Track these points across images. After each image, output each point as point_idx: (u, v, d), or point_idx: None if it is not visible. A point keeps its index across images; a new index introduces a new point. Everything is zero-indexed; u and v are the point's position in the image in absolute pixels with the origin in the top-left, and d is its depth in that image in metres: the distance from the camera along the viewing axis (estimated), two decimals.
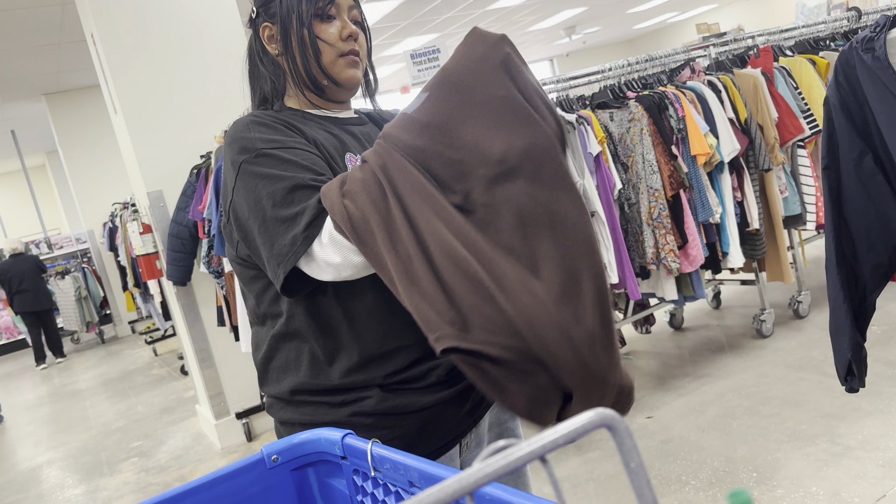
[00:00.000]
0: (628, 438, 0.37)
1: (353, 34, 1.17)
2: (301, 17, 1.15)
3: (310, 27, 1.15)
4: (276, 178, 1.02)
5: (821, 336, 3.45)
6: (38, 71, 7.05)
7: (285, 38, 1.17)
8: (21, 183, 13.16)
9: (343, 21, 1.17)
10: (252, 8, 1.23)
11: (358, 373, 1.09)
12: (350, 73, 1.19)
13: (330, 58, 1.17)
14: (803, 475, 2.35)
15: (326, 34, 1.16)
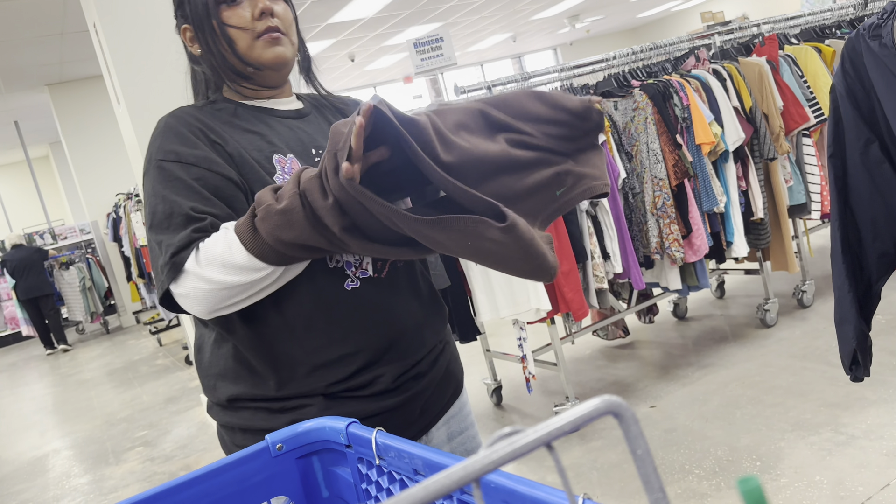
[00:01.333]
0: (634, 425, 0.36)
1: (266, 10, 1.09)
2: (207, 8, 1.09)
3: (217, 17, 1.09)
4: (162, 197, 1.00)
5: (825, 326, 3.44)
6: (40, 61, 7.04)
7: (201, 36, 1.11)
8: (25, 174, 13.18)
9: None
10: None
11: (298, 383, 1.05)
12: (272, 53, 1.10)
13: (246, 42, 1.09)
14: (807, 464, 2.35)
15: (236, 19, 1.09)
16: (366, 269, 1.08)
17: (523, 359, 3.12)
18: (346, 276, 1.06)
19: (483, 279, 3.00)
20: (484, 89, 3.25)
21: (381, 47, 10.91)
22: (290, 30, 1.13)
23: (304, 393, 1.06)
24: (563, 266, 2.88)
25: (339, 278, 1.06)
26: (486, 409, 3.56)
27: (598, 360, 3.86)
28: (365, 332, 1.07)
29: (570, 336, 3.38)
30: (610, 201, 3.01)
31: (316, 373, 1.05)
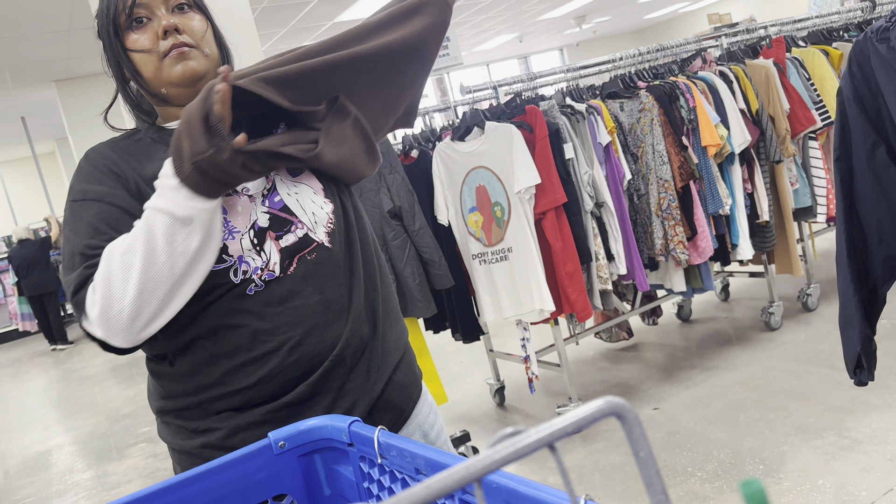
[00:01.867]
0: (637, 427, 0.36)
1: (168, 27, 1.04)
2: (110, 37, 1.05)
3: (121, 44, 1.06)
4: (66, 238, 1.02)
5: (829, 329, 3.43)
6: (48, 58, 7.06)
7: (114, 64, 1.09)
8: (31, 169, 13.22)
9: (157, 17, 1.05)
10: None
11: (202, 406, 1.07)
12: (181, 69, 1.05)
13: (153, 65, 1.05)
14: (810, 468, 2.34)
15: (141, 43, 1.05)
16: (273, 269, 1.03)
17: (526, 359, 3.11)
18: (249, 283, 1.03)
19: (487, 279, 3.00)
20: (490, 89, 3.25)
21: None
22: (204, 41, 1.08)
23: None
24: (568, 267, 2.88)
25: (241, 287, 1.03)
26: (489, 409, 3.56)
27: (601, 361, 3.85)
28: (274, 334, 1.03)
29: (574, 337, 3.38)
30: (615, 202, 3.01)
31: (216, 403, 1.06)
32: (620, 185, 3.04)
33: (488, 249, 2.97)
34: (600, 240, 3.01)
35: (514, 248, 2.89)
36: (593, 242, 2.99)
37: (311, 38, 9.00)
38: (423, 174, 3.07)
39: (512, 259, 2.90)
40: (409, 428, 1.17)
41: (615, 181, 3.02)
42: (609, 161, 3.02)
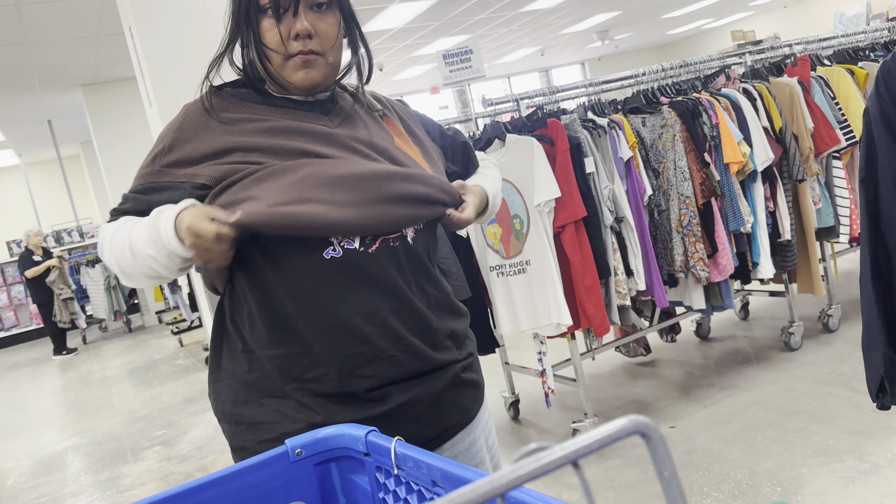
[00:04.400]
0: (662, 447, 0.36)
1: (301, 32, 1.05)
2: (248, 15, 1.06)
3: (255, 28, 1.07)
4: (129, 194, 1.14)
5: (851, 351, 3.39)
6: (75, 62, 7.17)
7: (238, 37, 1.11)
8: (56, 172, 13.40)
9: (295, 16, 1.06)
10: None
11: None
12: (301, 76, 1.08)
13: (277, 62, 1.08)
14: (829, 492, 2.31)
15: (270, 36, 1.07)
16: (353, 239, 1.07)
17: (542, 373, 3.10)
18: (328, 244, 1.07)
19: (504, 292, 2.99)
20: (511, 102, 3.25)
21: (409, 57, 10.97)
22: (332, 48, 1.10)
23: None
24: (586, 281, 2.87)
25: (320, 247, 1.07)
26: (503, 422, 3.54)
27: (618, 377, 3.82)
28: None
29: (591, 352, 3.35)
30: (635, 217, 3.00)
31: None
32: (641, 201, 3.02)
33: (506, 262, 2.97)
34: (619, 255, 3.00)
35: (533, 261, 2.88)
36: (612, 257, 2.98)
37: None
38: None
39: (530, 272, 2.90)
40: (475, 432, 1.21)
41: (636, 196, 3.01)
42: (630, 176, 3.01)
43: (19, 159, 12.33)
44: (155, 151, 1.12)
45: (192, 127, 1.11)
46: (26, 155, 12.78)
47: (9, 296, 10.72)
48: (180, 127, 1.12)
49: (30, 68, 7.05)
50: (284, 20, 1.05)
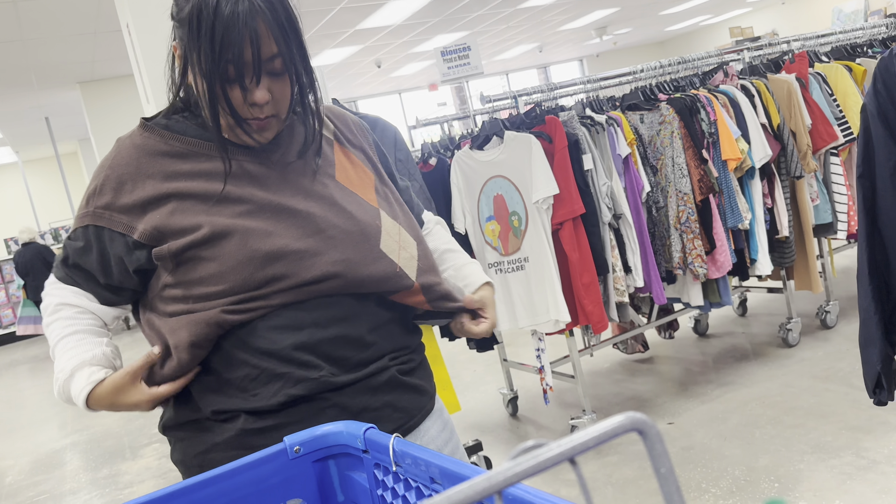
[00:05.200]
0: (659, 443, 0.36)
1: (261, 101, 1.02)
2: (202, 67, 1.00)
3: (210, 85, 1.01)
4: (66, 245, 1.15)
5: (848, 347, 3.39)
6: (73, 59, 7.16)
7: (197, 78, 1.03)
8: (53, 169, 13.39)
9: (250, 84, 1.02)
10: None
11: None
12: (254, 139, 1.07)
13: (228, 122, 1.06)
14: (826, 488, 2.31)
15: (234, 94, 1.02)
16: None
17: (541, 370, 3.10)
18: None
19: (502, 289, 2.99)
20: (509, 99, 3.25)
21: (407, 54, 10.96)
22: (285, 108, 1.07)
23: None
24: (584, 278, 2.87)
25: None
26: (502, 419, 3.55)
27: (616, 373, 3.83)
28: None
29: (589, 349, 3.36)
30: (633, 214, 3.00)
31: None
32: (639, 197, 3.03)
33: (504, 259, 2.97)
34: (618, 251, 3.00)
35: (531, 258, 2.88)
36: (610, 254, 2.98)
37: (333, 45, 9.06)
38: (441, 182, 3.08)
39: (528, 269, 2.90)
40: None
41: (634, 193, 3.01)
42: (628, 173, 3.01)
43: (17, 156, 12.31)
44: (89, 191, 1.10)
45: (124, 166, 1.08)
46: (24, 152, 12.76)
47: (7, 293, 10.71)
48: (112, 165, 1.09)
49: (27, 65, 7.04)
50: (237, 87, 1.03)
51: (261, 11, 0.99)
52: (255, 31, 0.99)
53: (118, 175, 1.08)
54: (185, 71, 1.05)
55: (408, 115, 14.73)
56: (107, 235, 1.08)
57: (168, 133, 1.10)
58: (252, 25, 0.98)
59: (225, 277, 1.04)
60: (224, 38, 0.98)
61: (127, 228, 1.07)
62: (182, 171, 1.08)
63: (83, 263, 1.12)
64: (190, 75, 1.05)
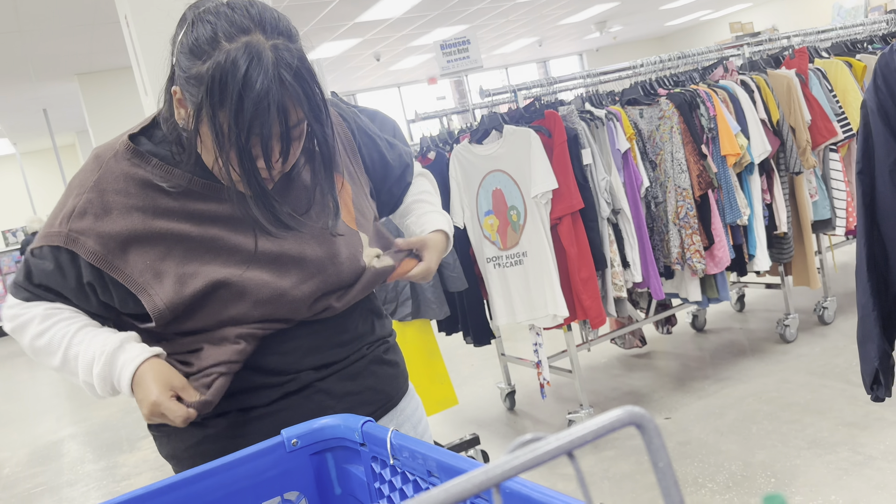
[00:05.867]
0: (657, 438, 0.36)
1: (277, 172, 1.00)
2: (220, 134, 0.94)
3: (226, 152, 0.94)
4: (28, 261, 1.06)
5: (846, 343, 3.40)
6: (71, 51, 7.13)
7: (195, 127, 0.97)
8: (51, 161, 13.35)
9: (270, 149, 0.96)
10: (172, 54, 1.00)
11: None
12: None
13: (236, 181, 0.99)
14: (823, 483, 2.32)
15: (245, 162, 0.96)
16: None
17: (538, 364, 3.11)
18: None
19: (501, 283, 2.99)
20: (509, 93, 3.24)
21: (407, 48, 10.94)
22: (291, 163, 1.03)
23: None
24: (582, 273, 2.87)
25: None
26: (499, 413, 3.55)
27: (613, 368, 3.83)
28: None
29: (587, 343, 3.36)
30: (632, 209, 3.00)
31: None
32: (638, 192, 3.02)
33: (503, 253, 2.97)
34: (616, 247, 3.00)
35: (529, 253, 2.88)
36: (609, 249, 2.98)
37: (331, 38, 9.04)
38: (440, 176, 3.07)
39: (526, 263, 2.90)
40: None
41: (633, 188, 3.01)
42: (627, 168, 3.01)
43: (14, 148, 12.28)
44: (66, 209, 1.02)
45: (111, 193, 1.02)
46: (21, 144, 12.74)
47: (4, 285, 10.70)
48: (96, 188, 1.02)
49: (25, 57, 7.01)
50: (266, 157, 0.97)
51: (291, 87, 0.94)
52: (285, 108, 0.94)
53: (101, 203, 1.01)
54: (197, 126, 0.96)
55: (406, 109, 14.71)
56: (82, 262, 1.01)
57: (159, 163, 1.04)
58: (283, 104, 0.93)
59: (221, 318, 1.05)
60: (253, 115, 0.92)
61: (104, 265, 1.00)
62: (174, 209, 1.03)
63: (54, 286, 1.04)
64: (190, 122, 0.98)
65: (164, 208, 1.02)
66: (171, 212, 1.03)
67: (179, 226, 1.02)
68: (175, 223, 1.02)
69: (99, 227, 1.01)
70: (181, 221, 1.03)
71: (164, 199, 1.03)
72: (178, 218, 1.03)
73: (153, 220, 1.02)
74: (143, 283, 1.01)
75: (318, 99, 0.97)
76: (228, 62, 0.91)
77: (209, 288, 1.02)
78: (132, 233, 1.01)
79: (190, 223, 1.03)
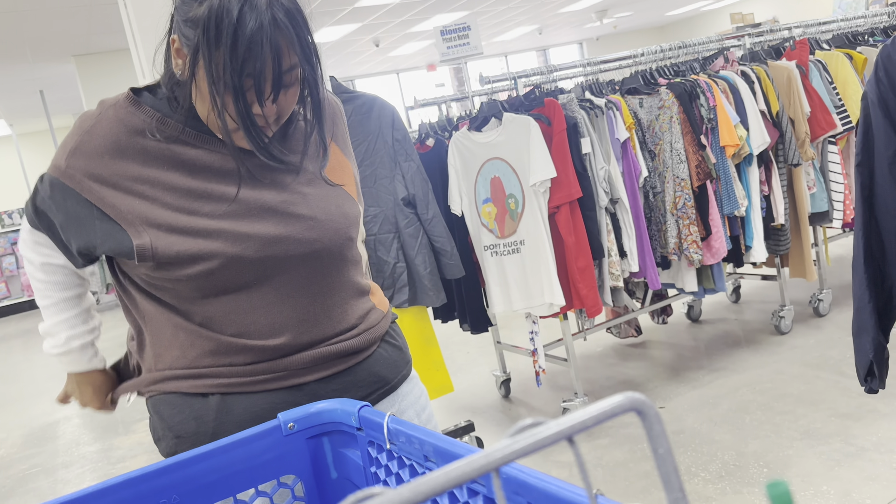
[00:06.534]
0: (658, 424, 0.36)
1: (270, 116, 1.02)
2: (215, 75, 0.96)
3: (221, 94, 0.97)
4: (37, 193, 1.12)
5: (840, 335, 3.41)
6: (68, 32, 7.08)
7: (191, 73, 1.00)
8: (48, 143, 13.29)
9: (264, 98, 0.99)
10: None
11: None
12: (247, 143, 1.04)
13: (230, 125, 1.01)
14: (814, 473, 2.33)
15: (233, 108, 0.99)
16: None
17: (534, 352, 3.11)
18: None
19: (498, 271, 2.99)
20: (509, 80, 3.23)
21: (406, 33, 10.88)
22: (286, 115, 1.06)
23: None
24: (580, 262, 2.87)
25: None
26: (494, 400, 3.56)
27: (608, 357, 3.85)
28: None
29: (582, 332, 3.37)
30: (630, 199, 3.00)
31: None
32: (636, 182, 3.02)
33: (500, 241, 2.97)
34: (613, 236, 3.00)
35: (527, 241, 2.88)
36: (606, 238, 2.98)
37: (331, 23, 8.98)
38: (439, 163, 3.07)
39: (524, 252, 2.90)
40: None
41: (631, 178, 3.01)
42: (626, 157, 3.01)
43: (11, 130, 12.21)
44: (69, 146, 1.07)
45: (101, 136, 1.05)
46: (18, 125, 12.67)
47: (0, 267, 10.68)
48: (91, 131, 1.06)
49: (21, 37, 6.96)
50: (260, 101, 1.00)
51: (284, 28, 0.97)
52: (279, 47, 0.97)
53: (95, 145, 1.05)
54: (193, 71, 0.99)
55: (405, 96, 14.66)
56: (73, 197, 1.05)
57: (153, 112, 1.07)
58: (276, 42, 0.96)
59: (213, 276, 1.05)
60: (247, 52, 0.95)
61: (97, 200, 1.04)
62: (165, 155, 1.06)
63: (48, 212, 1.11)
64: (186, 69, 1.01)
65: (154, 155, 1.06)
66: (161, 158, 1.06)
67: (169, 175, 1.05)
68: (165, 172, 1.05)
69: (91, 167, 1.05)
70: (171, 170, 1.06)
71: (153, 146, 1.06)
72: (170, 166, 1.06)
73: (142, 167, 1.05)
74: (132, 221, 1.04)
75: (309, 43, 1.01)
76: (223, 4, 0.95)
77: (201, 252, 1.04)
78: (122, 175, 1.05)
79: (181, 172, 1.06)
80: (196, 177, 1.06)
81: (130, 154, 1.05)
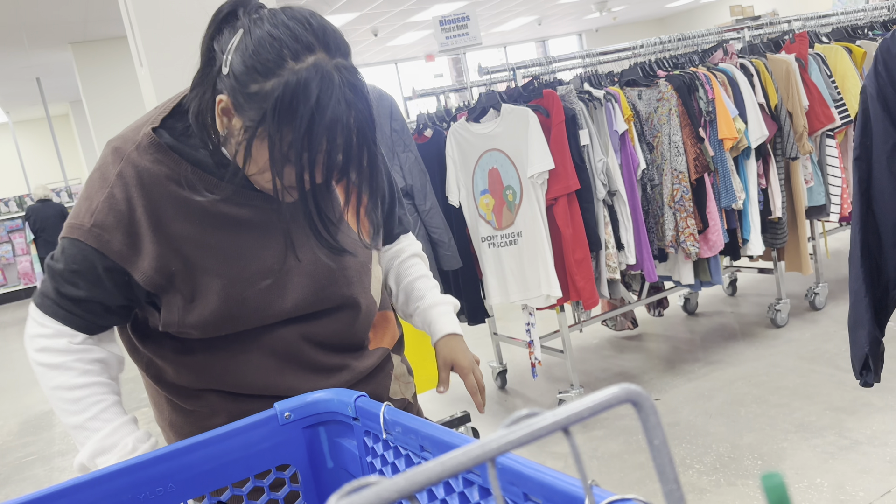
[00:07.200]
0: (653, 415, 0.36)
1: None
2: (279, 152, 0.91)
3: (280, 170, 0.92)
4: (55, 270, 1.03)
5: (836, 329, 3.42)
6: (65, 19, 7.04)
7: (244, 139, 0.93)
8: (44, 131, 13.24)
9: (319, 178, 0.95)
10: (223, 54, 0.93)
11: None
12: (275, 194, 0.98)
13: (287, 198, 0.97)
14: (808, 466, 2.35)
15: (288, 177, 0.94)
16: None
17: (530, 344, 3.12)
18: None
19: (495, 263, 3.00)
20: (507, 71, 3.22)
21: (405, 23, 10.84)
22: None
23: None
24: (577, 254, 2.87)
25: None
26: (490, 391, 3.57)
27: (604, 349, 3.85)
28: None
29: (579, 324, 3.38)
30: (628, 191, 2.99)
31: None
32: (634, 175, 3.02)
33: (498, 233, 2.97)
34: (611, 228, 3.00)
35: (524, 233, 2.88)
36: (604, 231, 2.98)
37: (329, 12, 8.94)
38: (437, 154, 3.06)
39: (521, 243, 2.90)
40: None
41: (629, 170, 3.01)
42: (624, 149, 3.00)
43: (7, 117, 12.16)
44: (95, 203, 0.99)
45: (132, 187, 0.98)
46: (14, 113, 12.62)
47: None
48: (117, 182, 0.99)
49: (18, 24, 6.92)
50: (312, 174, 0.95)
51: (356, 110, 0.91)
52: (351, 130, 0.92)
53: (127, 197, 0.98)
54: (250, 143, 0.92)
55: (404, 86, 14.61)
56: (103, 261, 0.99)
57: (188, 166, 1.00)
58: (350, 127, 0.91)
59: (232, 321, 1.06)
60: (323, 138, 0.89)
61: (129, 264, 0.98)
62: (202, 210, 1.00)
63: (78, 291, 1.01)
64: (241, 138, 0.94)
65: (191, 210, 0.99)
66: (199, 214, 1.00)
67: (205, 230, 1.00)
68: (201, 227, 1.00)
69: (122, 225, 0.98)
70: (208, 226, 1.00)
71: (191, 201, 0.99)
72: (207, 222, 1.00)
73: (177, 223, 0.99)
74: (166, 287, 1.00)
75: (372, 119, 0.95)
76: (300, 85, 0.88)
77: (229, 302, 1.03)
78: (156, 232, 0.98)
79: (218, 228, 1.01)
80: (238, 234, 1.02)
81: (163, 209, 0.99)
